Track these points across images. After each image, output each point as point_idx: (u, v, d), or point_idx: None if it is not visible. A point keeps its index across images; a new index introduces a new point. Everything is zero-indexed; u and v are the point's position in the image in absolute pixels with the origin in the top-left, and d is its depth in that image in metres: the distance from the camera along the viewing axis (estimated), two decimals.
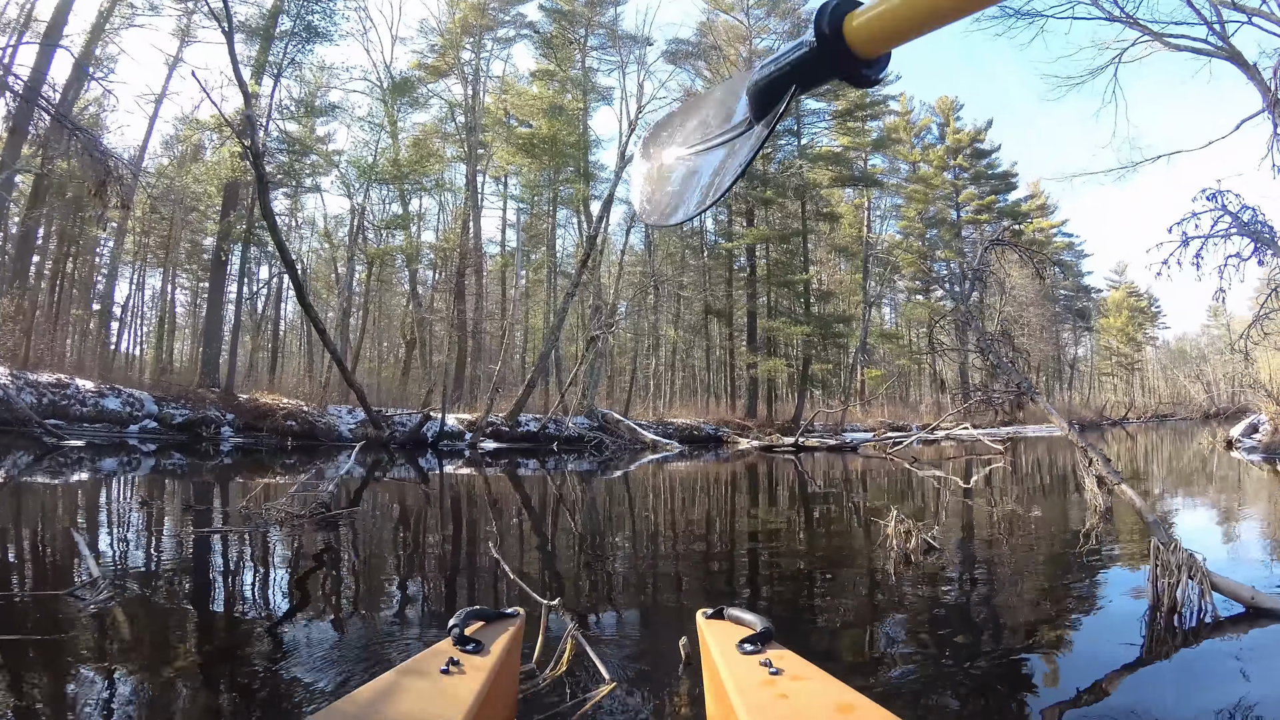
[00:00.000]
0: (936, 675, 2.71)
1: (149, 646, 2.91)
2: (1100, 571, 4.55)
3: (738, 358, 30.21)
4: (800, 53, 0.65)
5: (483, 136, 26.64)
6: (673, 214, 0.82)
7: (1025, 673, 2.75)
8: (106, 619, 3.18)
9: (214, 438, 14.99)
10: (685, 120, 0.87)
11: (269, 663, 2.76)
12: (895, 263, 37.07)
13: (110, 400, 14.67)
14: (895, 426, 27.38)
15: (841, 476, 12.90)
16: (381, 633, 3.20)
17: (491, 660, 1.62)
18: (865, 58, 0.62)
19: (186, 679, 2.54)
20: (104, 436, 14.16)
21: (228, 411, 15.58)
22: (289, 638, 3.11)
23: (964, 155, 41.63)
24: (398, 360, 29.63)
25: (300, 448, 15.00)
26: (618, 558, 5.27)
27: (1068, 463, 14.55)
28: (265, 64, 18.61)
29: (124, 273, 29.60)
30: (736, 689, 1.45)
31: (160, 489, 8.66)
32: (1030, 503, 8.02)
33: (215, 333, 17.77)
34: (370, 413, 15.77)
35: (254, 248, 28.38)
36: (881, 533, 4.85)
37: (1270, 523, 6.67)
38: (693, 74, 29.72)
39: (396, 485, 10.52)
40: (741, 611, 1.92)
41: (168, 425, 14.84)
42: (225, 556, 4.81)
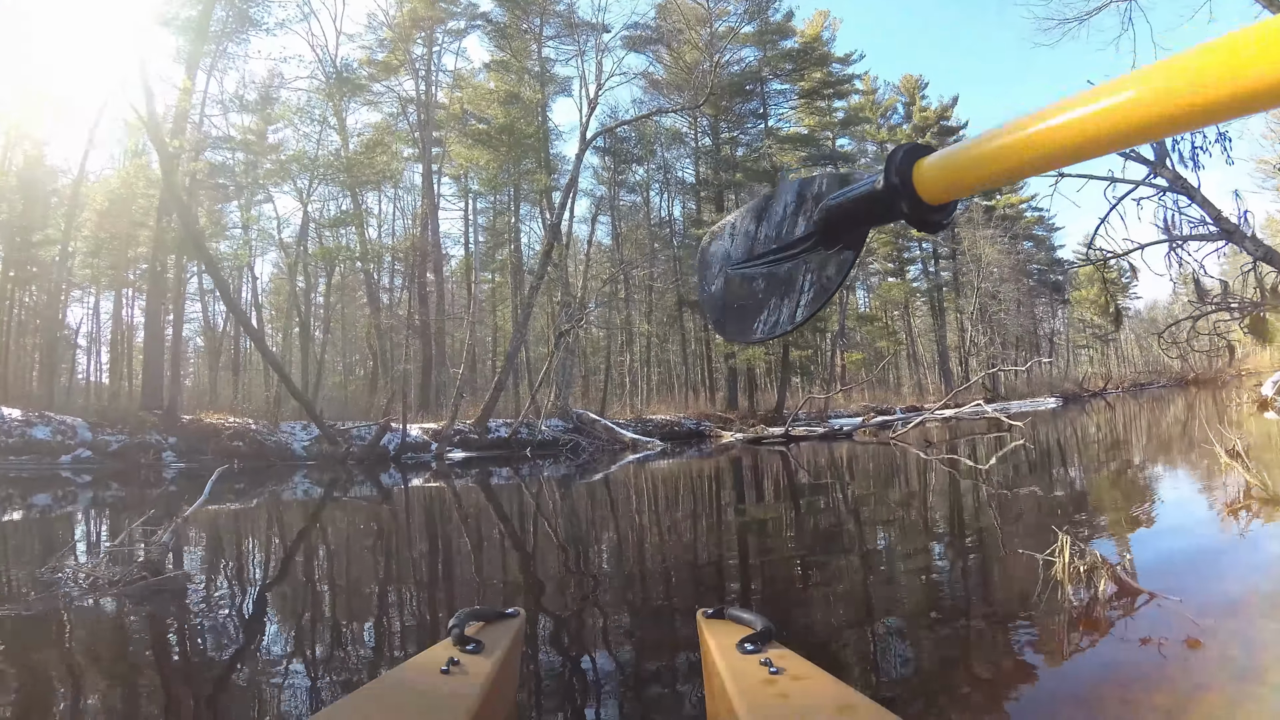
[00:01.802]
0: (937, 676, 2.56)
1: (148, 650, 2.89)
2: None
3: (714, 349, 29.25)
4: (871, 191, 0.68)
5: (438, 133, 25.51)
6: (754, 329, 0.83)
7: (1031, 674, 2.51)
8: (80, 625, 3.18)
9: (153, 464, 13.71)
10: (746, 226, 0.86)
11: (268, 664, 2.72)
12: (870, 244, 36.33)
13: (39, 429, 13.37)
14: (880, 410, 26.64)
15: (845, 466, 11.97)
16: (380, 634, 3.16)
17: (491, 660, 1.60)
18: (932, 204, 0.63)
19: (186, 682, 2.53)
20: (32, 469, 12.89)
21: (170, 435, 14.30)
22: (288, 640, 3.07)
23: (931, 133, 40.92)
24: (367, 373, 28.41)
25: (248, 470, 13.80)
26: (608, 562, 4.98)
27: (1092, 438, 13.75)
28: (199, 57, 17.23)
29: (82, 298, 28.43)
30: (736, 689, 1.41)
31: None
32: (1097, 491, 7.07)
33: (155, 351, 16.44)
34: (322, 426, 14.57)
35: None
36: (1044, 572, 3.15)
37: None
38: (651, 58, 28.80)
39: (352, 506, 9.50)
40: (742, 611, 1.89)
41: (102, 453, 13.55)
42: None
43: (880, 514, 6.45)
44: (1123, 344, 67.57)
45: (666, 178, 30.40)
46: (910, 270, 41.30)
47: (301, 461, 14.77)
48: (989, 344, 39.91)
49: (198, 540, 6.50)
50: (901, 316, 42.21)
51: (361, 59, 25.27)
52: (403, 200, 30.38)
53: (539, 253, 20.59)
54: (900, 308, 41.81)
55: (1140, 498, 6.05)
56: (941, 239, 39.96)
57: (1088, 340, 59.46)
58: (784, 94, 30.70)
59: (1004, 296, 39.54)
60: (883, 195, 0.65)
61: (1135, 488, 6.82)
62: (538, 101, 26.05)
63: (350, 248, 21.22)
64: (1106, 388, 45.39)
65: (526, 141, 23.88)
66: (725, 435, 21.35)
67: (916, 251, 40.87)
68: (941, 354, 39.72)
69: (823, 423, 22.32)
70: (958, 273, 39.73)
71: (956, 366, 39.66)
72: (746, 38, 29.05)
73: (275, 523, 7.98)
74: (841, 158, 32.47)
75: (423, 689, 1.41)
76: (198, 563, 5.31)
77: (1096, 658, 2.48)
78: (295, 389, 13.99)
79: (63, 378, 25.54)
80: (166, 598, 3.79)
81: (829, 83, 30.60)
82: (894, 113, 41.07)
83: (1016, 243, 42.89)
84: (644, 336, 30.26)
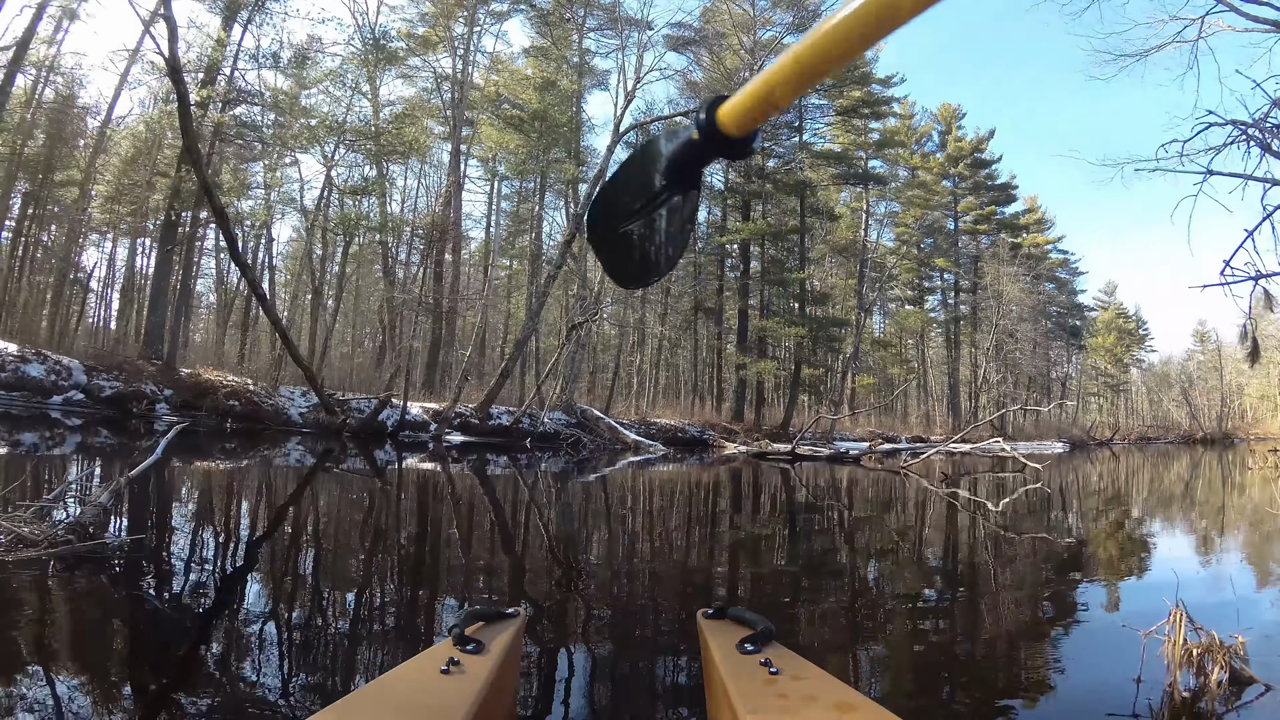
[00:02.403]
0: (938, 676, 2.62)
1: (146, 646, 2.70)
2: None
3: (725, 358, 28.76)
4: (691, 139, 0.79)
5: (470, 113, 25.13)
6: (645, 274, 0.94)
7: (1030, 682, 2.59)
8: (75, 611, 2.95)
9: (146, 414, 13.34)
10: (618, 191, 0.93)
11: (267, 664, 2.59)
12: (893, 271, 35.82)
13: (33, 366, 13.01)
14: (886, 437, 26.15)
15: (859, 493, 11.51)
16: (380, 634, 3.04)
17: (492, 660, 1.57)
18: (738, 136, 0.75)
19: (184, 680, 2.40)
20: (22, 407, 12.53)
21: (165, 387, 13.93)
22: (286, 640, 2.89)
23: (964, 164, 40.39)
24: (375, 347, 28.03)
25: (242, 430, 13.42)
26: (608, 563, 4.81)
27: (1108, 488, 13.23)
28: (237, 7, 16.83)
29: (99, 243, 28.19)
30: (736, 689, 1.41)
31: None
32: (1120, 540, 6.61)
33: (161, 300, 16.09)
34: (321, 395, 14.17)
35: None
36: (1146, 650, 2.59)
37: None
38: (691, 60, 28.36)
39: (347, 478, 9.16)
40: (743, 611, 1.86)
41: (95, 398, 13.18)
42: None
43: (923, 566, 5.83)
44: (1132, 395, 66.93)
45: None
46: (929, 300, 40.68)
47: (297, 428, 14.38)
48: (1001, 382, 39.33)
49: (164, 502, 5.99)
50: (916, 345, 41.64)
51: (401, 31, 24.92)
52: (428, 178, 30.12)
53: (559, 242, 20.14)
54: (916, 336, 41.23)
55: (1199, 559, 5.59)
56: (963, 272, 39.41)
57: (1099, 388, 58.84)
58: (821, 109, 30.22)
59: (1021, 335, 38.92)
60: (700, 140, 0.77)
61: (1182, 547, 6.34)
62: (573, 92, 25.66)
63: (369, 217, 20.81)
64: (1113, 438, 44.75)
65: (558, 130, 23.47)
66: (729, 446, 20.94)
67: (938, 282, 40.29)
68: (953, 387, 39.14)
69: (828, 444, 21.86)
70: (976, 307, 39.13)
71: (966, 401, 39.07)
72: (789, 48, 28.57)
73: (255, 491, 7.43)
74: (874, 179, 31.96)
75: (423, 689, 1.40)
76: (152, 529, 4.69)
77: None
78: (296, 352, 13.57)
79: (73, 320, 25.33)
80: (89, 568, 3.33)
81: (868, 101, 30.06)
82: (928, 140, 40.57)
83: (1039, 283, 42.29)
84: (656, 338, 29.79)
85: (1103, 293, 61.34)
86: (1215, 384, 63.34)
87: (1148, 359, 67.57)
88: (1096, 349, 56.69)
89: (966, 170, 40.48)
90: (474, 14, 25.50)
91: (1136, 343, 64.43)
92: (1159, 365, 68.73)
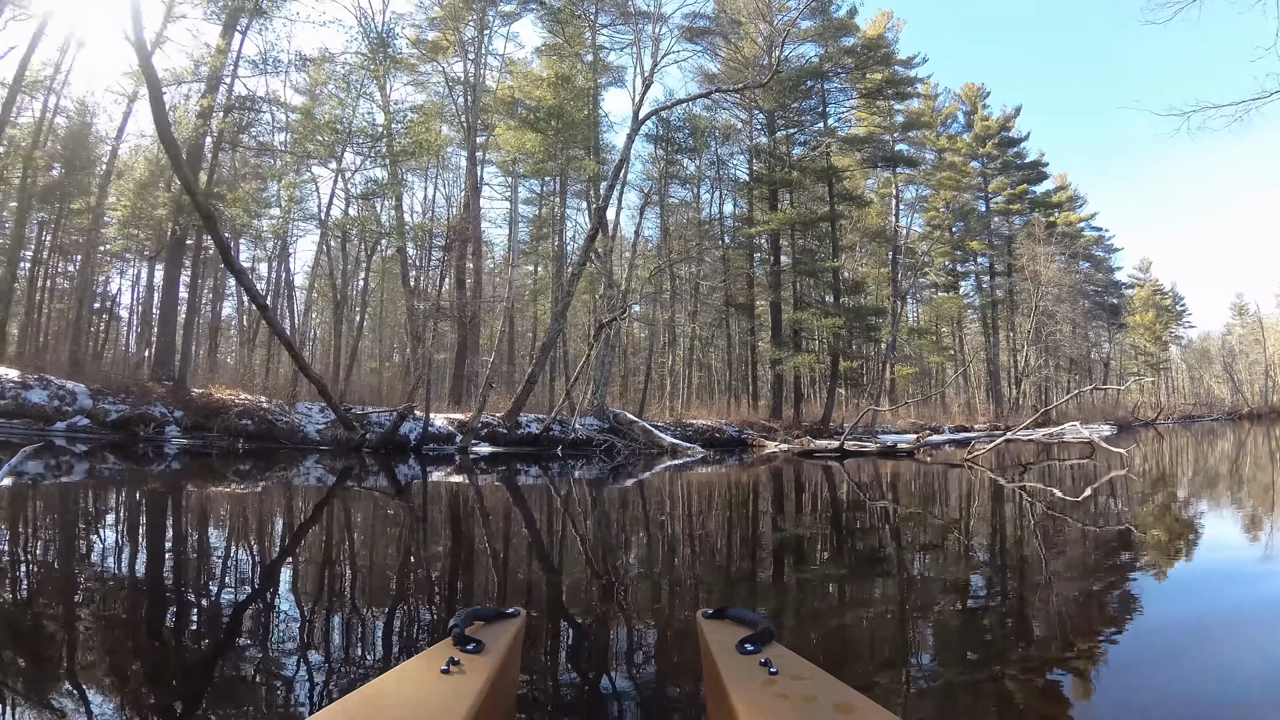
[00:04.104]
0: (938, 677, 2.54)
1: (148, 648, 2.78)
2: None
3: (760, 354, 27.46)
4: None
5: (485, 117, 24.18)
6: None
7: (1031, 679, 2.47)
8: (95, 623, 3.04)
9: (154, 438, 12.38)
10: None
11: (268, 664, 2.60)
12: (928, 256, 34.29)
13: (35, 393, 12.11)
14: (931, 428, 24.73)
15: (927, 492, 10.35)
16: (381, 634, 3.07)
17: (492, 660, 1.58)
18: None
19: (186, 681, 2.45)
20: (23, 434, 11.63)
21: (176, 408, 12.97)
22: (288, 640, 2.94)
23: (992, 143, 38.74)
24: (404, 360, 27.18)
25: (256, 451, 12.42)
26: (636, 575, 4.53)
27: (1202, 469, 12.02)
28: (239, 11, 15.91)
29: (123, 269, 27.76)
30: (736, 689, 1.42)
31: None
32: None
33: (170, 319, 15.21)
34: (337, 409, 13.14)
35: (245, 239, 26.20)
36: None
37: None
38: (708, 50, 27.19)
39: (364, 497, 8.52)
40: (742, 611, 1.88)
41: (100, 422, 12.25)
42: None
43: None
44: (1173, 373, 64.46)
45: (719, 174, 28.72)
46: (963, 285, 38.99)
47: (315, 446, 13.38)
48: (1042, 365, 37.52)
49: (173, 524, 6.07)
50: (953, 333, 39.98)
51: (410, 37, 24.05)
52: (447, 186, 29.23)
53: (583, 239, 19.09)
54: (952, 323, 39.59)
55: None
56: (998, 255, 37.73)
57: (1139, 368, 56.51)
58: (844, 93, 28.83)
59: (1060, 316, 37.12)
60: None
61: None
62: (589, 90, 24.64)
63: (381, 221, 19.86)
64: (1158, 418, 42.88)
65: (576, 127, 22.42)
66: (768, 445, 19.71)
67: (971, 265, 38.62)
68: (993, 374, 37.37)
69: (873, 438, 20.55)
70: (1012, 290, 37.41)
71: (1007, 388, 37.31)
72: (807, 33, 27.33)
73: (255, 515, 6.83)
74: (903, 160, 30.50)
75: (423, 689, 1.40)
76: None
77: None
78: (305, 365, 12.58)
79: (105, 348, 24.79)
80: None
81: (891, 81, 28.63)
82: (954, 121, 38.94)
83: (1075, 262, 40.48)
84: (687, 338, 28.56)
85: (1138, 269, 59.18)
86: (1258, 357, 60.94)
87: (1186, 335, 65.31)
88: (1136, 327, 54.55)
89: (995, 149, 38.80)
90: (483, 16, 24.57)
91: (1174, 319, 62.11)
92: (1198, 341, 66.37)
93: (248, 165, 23.81)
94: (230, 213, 16.24)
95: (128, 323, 28.32)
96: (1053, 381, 40.58)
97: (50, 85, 19.72)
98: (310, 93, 21.05)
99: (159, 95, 9.61)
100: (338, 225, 20.56)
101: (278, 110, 21.23)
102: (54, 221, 22.54)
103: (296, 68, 18.71)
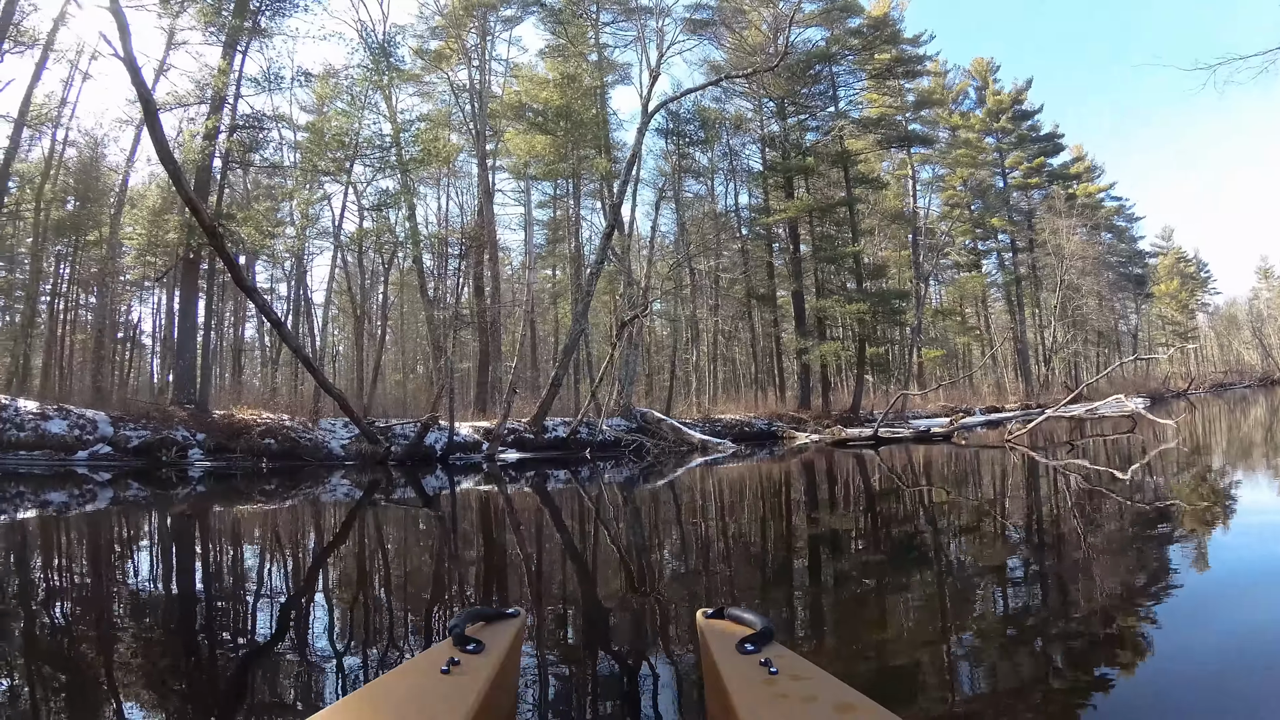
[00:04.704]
0: (938, 676, 2.45)
1: (148, 649, 2.77)
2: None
3: (784, 345, 26.87)
4: None
5: (493, 123, 23.81)
6: None
7: (1030, 677, 2.38)
8: (96, 628, 3.07)
9: (176, 462, 12.08)
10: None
11: (270, 664, 2.59)
12: (949, 236, 33.46)
13: (54, 423, 11.84)
14: (961, 410, 24.05)
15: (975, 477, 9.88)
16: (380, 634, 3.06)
17: (492, 660, 1.56)
18: None
19: (186, 681, 2.42)
20: (45, 465, 11.38)
21: (198, 431, 12.67)
22: (289, 640, 2.93)
23: (1005, 118, 37.87)
24: (427, 371, 26.89)
25: (280, 470, 12.09)
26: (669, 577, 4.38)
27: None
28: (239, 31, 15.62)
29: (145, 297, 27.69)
30: (736, 689, 1.40)
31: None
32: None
33: (189, 342, 14.94)
34: (360, 422, 12.78)
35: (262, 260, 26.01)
36: None
37: None
38: (714, 42, 26.66)
39: (390, 510, 8.36)
40: (742, 611, 1.84)
41: (122, 449, 11.96)
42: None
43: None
44: (1201, 341, 62.92)
45: (732, 165, 28.16)
46: (984, 263, 38.10)
47: (340, 461, 13.02)
48: (1070, 340, 36.58)
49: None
50: (977, 312, 39.09)
51: (414, 48, 23.73)
52: (460, 196, 28.92)
53: (600, 238, 18.68)
54: (976, 302, 38.70)
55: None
56: (1019, 230, 36.86)
57: (1167, 337, 55.18)
58: (854, 75, 28.18)
59: (1085, 290, 36.18)
60: None
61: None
62: (596, 89, 24.22)
63: (393, 229, 19.53)
64: (1189, 388, 41.86)
65: (585, 126, 22.03)
66: (799, 436, 19.22)
67: (992, 243, 37.74)
68: (1020, 351, 36.46)
69: (905, 423, 19.97)
70: (1035, 265, 36.51)
71: (1036, 365, 36.42)
72: (812, 17, 26.73)
73: (274, 534, 6.68)
74: (919, 140, 29.79)
75: (423, 689, 1.38)
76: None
77: None
78: (324, 380, 12.26)
79: (130, 375, 24.73)
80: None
81: (900, 60, 27.94)
82: (965, 97, 38.10)
83: (1096, 233, 39.49)
84: (710, 333, 28.02)
85: (1160, 238, 57.80)
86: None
87: (1213, 302, 63.83)
88: (1162, 297, 53.30)
89: (1009, 124, 37.90)
90: (484, 23, 24.21)
91: (1199, 286, 60.67)
92: (1225, 308, 64.85)
93: (260, 187, 23.65)
94: (242, 232, 15.95)
95: (151, 350, 28.24)
96: (1081, 356, 39.62)
97: (57, 119, 19.57)
98: (317, 110, 20.82)
99: (153, 111, 9.31)
100: (352, 240, 20.25)
101: (285, 129, 21.04)
102: (71, 254, 22.47)
103: (300, 83, 18.39)
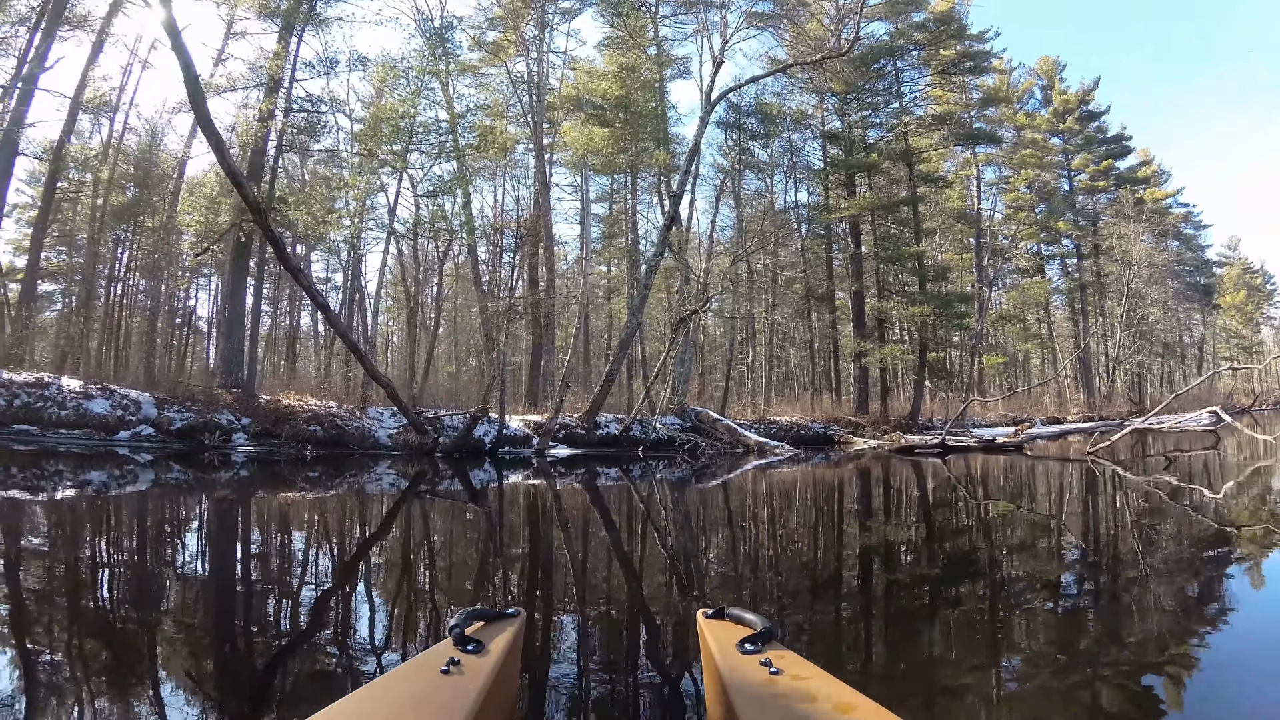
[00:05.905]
0: (938, 676, 2.40)
1: (151, 648, 2.70)
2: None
3: (842, 347, 25.66)
4: None
5: (550, 115, 23.14)
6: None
7: (1029, 678, 2.33)
8: (107, 627, 2.98)
9: (220, 446, 11.49)
10: None
11: (270, 664, 2.53)
12: (1013, 240, 31.79)
13: (97, 403, 11.33)
14: (1024, 420, 22.62)
15: (1087, 498, 8.91)
16: (382, 633, 2.93)
17: (491, 660, 1.53)
18: None
19: (187, 681, 2.35)
20: (84, 445, 10.87)
21: (243, 415, 12.08)
22: (290, 640, 2.88)
23: (1072, 118, 36.03)
24: (479, 363, 26.33)
25: (325, 457, 11.42)
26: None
27: None
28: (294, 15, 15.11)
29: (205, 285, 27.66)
30: (737, 688, 1.38)
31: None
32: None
33: (237, 326, 14.42)
34: (408, 412, 12.06)
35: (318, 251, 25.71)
36: None
37: None
38: (775, 38, 25.60)
39: (438, 504, 7.80)
40: (742, 611, 1.81)
41: (165, 431, 11.41)
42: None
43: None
44: (1265, 356, 59.78)
45: (793, 161, 26.98)
46: (1047, 269, 36.22)
47: (386, 451, 12.34)
48: (1136, 351, 34.62)
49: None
50: (1039, 319, 37.24)
51: (471, 39, 23.14)
52: (516, 189, 28.28)
53: (659, 230, 17.84)
54: (1038, 308, 36.85)
55: None
56: (1084, 235, 34.99)
57: (1231, 351, 52.38)
58: (918, 71, 26.83)
59: (1150, 299, 34.19)
60: None
61: None
62: (654, 82, 23.39)
63: (448, 218, 18.88)
64: (1254, 404, 39.54)
65: (643, 119, 21.22)
66: (856, 442, 18.11)
67: (1056, 248, 35.90)
68: (1083, 361, 34.58)
69: (967, 432, 18.70)
70: (1100, 272, 34.62)
71: (1097, 375, 34.52)
72: (875, 10, 25.50)
73: (311, 522, 6.25)
74: (985, 138, 28.30)
75: (423, 689, 1.36)
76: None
77: None
78: (371, 366, 11.60)
79: (187, 360, 24.59)
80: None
81: (966, 55, 26.51)
82: (1030, 97, 36.33)
83: (1163, 240, 37.40)
84: (767, 333, 26.91)
85: (1226, 247, 54.94)
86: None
87: (1278, 316, 60.59)
88: (1227, 308, 50.63)
89: (1075, 124, 36.03)
90: (543, 14, 23.51)
91: (1265, 298, 57.64)
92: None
93: (317, 178, 23.27)
94: (294, 215, 15.41)
95: (208, 335, 28.17)
96: (1145, 368, 37.55)
97: (116, 104, 19.35)
98: (374, 100, 20.37)
99: (194, 77, 8.66)
100: (407, 228, 19.68)
101: (341, 115, 20.59)
102: (129, 239, 22.33)
103: (355, 67, 17.87)
